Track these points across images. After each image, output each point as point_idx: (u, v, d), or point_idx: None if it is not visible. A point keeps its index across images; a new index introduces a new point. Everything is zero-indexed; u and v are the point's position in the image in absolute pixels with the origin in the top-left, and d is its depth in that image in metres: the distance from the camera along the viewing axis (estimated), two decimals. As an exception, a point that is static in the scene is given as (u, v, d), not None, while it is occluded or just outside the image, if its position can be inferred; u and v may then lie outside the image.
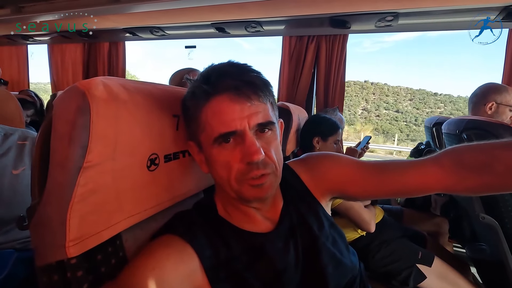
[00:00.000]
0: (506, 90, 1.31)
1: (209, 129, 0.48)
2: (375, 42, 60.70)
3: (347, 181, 0.60)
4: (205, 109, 0.48)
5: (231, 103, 0.46)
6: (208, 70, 0.50)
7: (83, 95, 0.38)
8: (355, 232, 1.26)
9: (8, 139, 0.86)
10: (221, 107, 0.47)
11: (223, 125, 0.47)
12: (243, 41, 68.60)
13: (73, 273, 0.39)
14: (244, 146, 0.47)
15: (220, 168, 0.49)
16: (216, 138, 0.47)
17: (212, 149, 0.49)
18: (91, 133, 0.38)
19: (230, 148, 0.48)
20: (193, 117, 0.51)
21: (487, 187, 0.52)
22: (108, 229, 0.43)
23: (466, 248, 1.28)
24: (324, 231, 0.57)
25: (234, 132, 0.47)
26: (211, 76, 0.48)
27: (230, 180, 0.49)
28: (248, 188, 0.49)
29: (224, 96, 0.47)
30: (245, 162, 0.47)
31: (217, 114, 0.47)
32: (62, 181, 0.38)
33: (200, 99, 0.49)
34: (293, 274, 0.52)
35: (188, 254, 0.46)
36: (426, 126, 1.80)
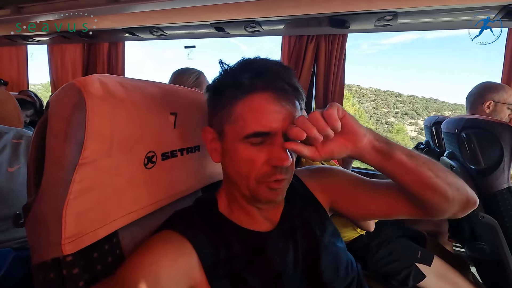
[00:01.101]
0: (503, 89, 1.31)
1: (242, 123, 0.46)
2: (372, 45, 60.93)
3: (344, 192, 0.62)
4: (243, 102, 0.46)
5: (273, 104, 0.45)
6: (251, 61, 0.48)
7: (78, 92, 0.38)
8: (355, 231, 1.26)
9: (2, 137, 0.87)
10: (262, 105, 0.45)
11: (259, 124, 0.45)
12: (240, 42, 68.69)
13: (69, 270, 0.39)
14: (274, 149, 0.46)
15: (242, 164, 0.48)
16: (249, 135, 0.46)
17: (239, 144, 0.47)
18: (87, 130, 0.38)
19: (258, 148, 0.47)
20: (225, 105, 0.48)
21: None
22: (104, 226, 0.43)
23: (466, 247, 1.28)
24: (326, 235, 0.58)
25: (268, 133, 0.46)
26: (254, 68, 0.46)
27: (249, 178, 0.48)
28: (265, 190, 0.49)
29: (267, 94, 0.45)
30: (272, 164, 0.47)
31: (256, 111, 0.45)
32: (58, 178, 0.38)
33: (241, 90, 0.46)
34: (292, 275, 0.52)
35: (186, 250, 0.46)
36: (425, 125, 1.80)
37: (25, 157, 0.89)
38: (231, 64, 0.50)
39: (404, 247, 1.21)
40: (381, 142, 0.48)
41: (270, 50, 72.25)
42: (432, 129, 1.62)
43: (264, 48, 75.51)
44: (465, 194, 0.51)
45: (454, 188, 0.50)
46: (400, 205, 0.55)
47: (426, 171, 0.48)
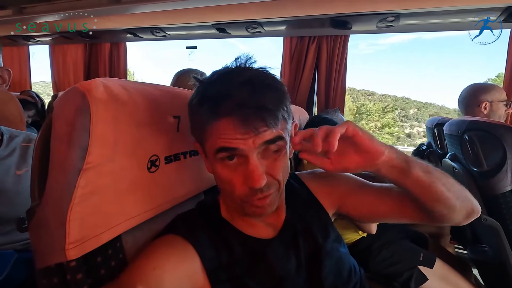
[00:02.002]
0: (494, 88, 1.36)
1: (212, 142, 0.45)
2: (370, 45, 60.66)
3: (350, 196, 0.62)
4: (211, 126, 0.45)
5: (238, 127, 0.43)
6: (216, 82, 0.46)
7: (83, 96, 0.38)
8: (356, 234, 1.26)
9: (13, 141, 0.87)
10: (227, 128, 0.44)
11: (225, 141, 0.44)
12: (239, 42, 68.42)
13: (73, 276, 0.39)
14: (247, 169, 0.44)
15: (224, 183, 0.48)
16: (217, 150, 0.45)
17: (216, 162, 0.47)
18: (91, 135, 0.38)
19: (233, 167, 0.46)
20: (199, 124, 0.48)
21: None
22: (108, 231, 0.42)
23: (468, 249, 1.28)
24: (328, 241, 0.57)
25: (236, 149, 0.44)
26: (218, 96, 0.44)
27: (234, 196, 0.48)
28: (250, 207, 0.48)
29: (229, 120, 0.43)
30: (248, 186, 0.45)
31: (222, 133, 0.44)
32: (62, 183, 0.38)
33: (206, 116, 0.45)
34: (294, 281, 0.51)
35: (189, 254, 0.46)
36: (427, 127, 1.79)
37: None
38: (207, 79, 0.48)
39: (406, 249, 1.20)
40: (400, 160, 0.48)
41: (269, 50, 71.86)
42: (434, 131, 1.61)
43: (264, 48, 75.41)
44: (471, 205, 0.54)
45: (461, 200, 0.52)
46: (408, 210, 0.57)
47: (440, 186, 0.49)
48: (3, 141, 0.85)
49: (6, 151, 0.84)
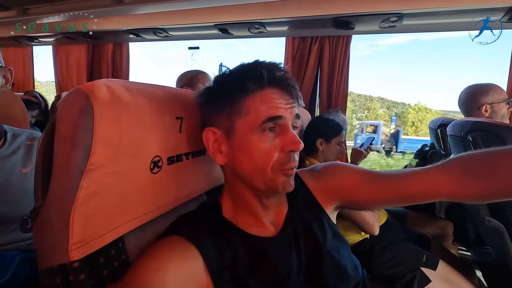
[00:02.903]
0: (492, 89, 1.31)
1: (255, 113, 0.49)
2: (369, 46, 60.11)
3: (354, 189, 0.60)
4: (254, 95, 0.50)
5: (281, 97, 0.51)
6: (255, 62, 0.53)
7: (86, 97, 0.38)
8: (359, 235, 1.25)
9: (16, 139, 0.88)
10: (272, 97, 0.50)
11: (273, 110, 0.49)
12: (239, 43, 68.49)
13: (76, 276, 0.39)
14: (287, 136, 0.50)
15: (258, 156, 0.50)
16: (265, 121, 0.49)
17: (253, 135, 0.50)
18: (94, 136, 0.38)
19: (271, 138, 0.50)
20: (234, 102, 0.51)
21: (494, 194, 0.51)
22: (110, 232, 0.43)
23: (471, 251, 1.27)
24: (328, 239, 0.57)
25: (281, 117, 0.49)
26: (264, 68, 0.50)
27: (265, 169, 0.50)
28: (281, 178, 0.51)
29: (276, 89, 0.51)
30: (287, 150, 0.50)
31: (268, 101, 0.50)
32: (65, 184, 0.38)
33: (253, 85, 0.50)
34: (295, 280, 0.51)
35: (192, 255, 0.46)
36: (430, 127, 1.79)
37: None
38: (231, 68, 0.55)
39: (409, 251, 1.20)
40: None
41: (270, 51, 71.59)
42: (437, 131, 1.60)
43: (264, 49, 75.28)
44: None
45: None
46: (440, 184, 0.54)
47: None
48: (6, 139, 0.86)
49: (10, 149, 0.85)
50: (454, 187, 0.53)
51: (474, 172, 0.52)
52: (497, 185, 0.50)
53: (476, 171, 0.52)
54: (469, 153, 0.55)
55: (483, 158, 0.53)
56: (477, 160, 0.53)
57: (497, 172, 0.49)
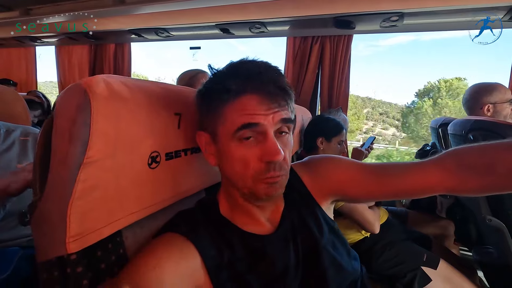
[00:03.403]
0: (496, 89, 1.30)
1: (231, 121, 0.48)
2: (368, 46, 59.54)
3: (349, 182, 0.60)
4: (231, 104, 0.48)
5: (260, 104, 0.46)
6: (240, 65, 0.50)
7: (84, 93, 0.39)
8: (359, 234, 1.25)
9: (10, 135, 0.88)
10: (248, 104, 0.47)
11: (246, 118, 0.46)
12: (238, 43, 68.38)
13: (73, 269, 0.39)
14: (266, 144, 0.47)
15: (236, 164, 0.49)
16: (238, 129, 0.47)
17: (231, 143, 0.48)
18: (92, 130, 0.38)
19: (249, 145, 0.48)
20: (215, 109, 0.50)
21: (490, 187, 0.52)
22: (108, 225, 0.43)
23: (473, 251, 1.26)
24: (324, 234, 0.57)
25: (257, 124, 0.46)
26: (243, 73, 0.48)
27: (245, 177, 0.49)
28: (263, 186, 0.49)
29: (253, 96, 0.47)
30: (265, 160, 0.47)
31: (243, 109, 0.47)
32: (63, 177, 0.39)
33: (227, 95, 0.48)
34: (293, 276, 0.51)
35: (190, 253, 0.46)
36: (431, 127, 1.78)
37: (33, 154, 0.90)
38: (220, 68, 0.52)
39: (410, 250, 1.20)
40: None
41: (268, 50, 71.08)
42: (438, 131, 1.60)
43: (262, 49, 75.06)
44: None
45: None
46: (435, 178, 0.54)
47: None
48: (0, 135, 0.86)
49: (4, 145, 0.85)
50: (449, 181, 0.53)
51: (470, 166, 0.52)
52: (493, 179, 0.50)
53: (472, 165, 0.52)
54: (465, 147, 0.55)
55: (479, 152, 0.53)
56: (473, 154, 0.53)
57: (493, 166, 0.49)
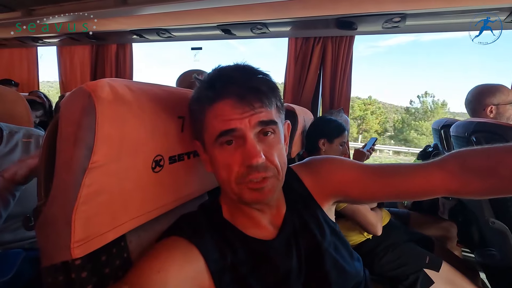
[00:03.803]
0: (499, 90, 1.29)
1: (211, 128, 0.48)
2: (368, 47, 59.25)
3: (350, 183, 0.60)
4: (208, 112, 0.49)
5: (234, 107, 0.46)
6: (214, 74, 0.50)
7: (89, 97, 0.39)
8: (361, 235, 1.25)
9: (13, 137, 0.88)
10: (224, 109, 0.47)
11: (223, 124, 0.47)
12: (238, 44, 68.32)
13: (78, 274, 0.39)
14: (245, 148, 0.46)
15: (221, 169, 0.49)
16: (217, 136, 0.47)
17: (214, 149, 0.49)
18: (97, 134, 0.38)
19: (231, 150, 0.48)
20: (198, 119, 0.51)
21: (492, 190, 0.52)
22: (112, 230, 0.43)
23: (475, 253, 1.26)
24: (326, 237, 0.57)
25: (234, 129, 0.46)
26: (216, 81, 0.48)
27: (230, 182, 0.49)
28: (247, 191, 0.49)
29: (227, 101, 0.47)
30: (245, 165, 0.47)
31: (219, 115, 0.47)
32: (68, 182, 0.39)
33: (205, 103, 0.49)
34: (296, 279, 0.51)
35: (194, 256, 0.46)
36: (433, 128, 1.78)
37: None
38: (204, 76, 0.52)
39: (412, 252, 1.19)
40: None
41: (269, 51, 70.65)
42: (440, 132, 1.59)
43: (264, 49, 74.92)
44: None
45: None
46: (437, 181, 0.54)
47: None
48: (3, 137, 0.86)
49: (7, 147, 0.85)
50: (452, 184, 0.53)
51: (473, 169, 0.51)
52: (496, 181, 0.49)
53: (475, 167, 0.51)
54: (469, 149, 0.54)
55: (482, 155, 0.52)
56: (477, 156, 0.53)
57: (496, 169, 0.49)
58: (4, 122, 0.93)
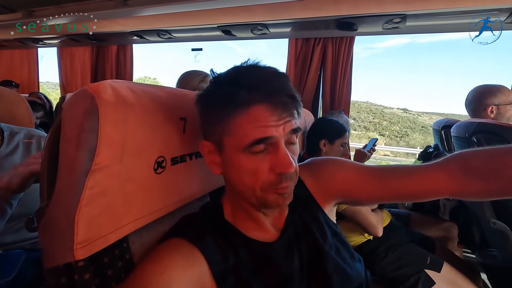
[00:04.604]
0: (500, 90, 1.30)
1: (242, 134, 0.45)
2: (365, 48, 59.28)
3: (351, 184, 0.60)
4: (241, 114, 0.45)
5: (271, 114, 0.45)
6: (245, 71, 0.47)
7: (91, 99, 0.39)
8: (362, 236, 1.25)
9: (14, 137, 0.88)
10: (261, 115, 0.44)
11: (260, 131, 0.44)
12: (236, 45, 68.67)
13: (81, 275, 0.39)
14: (278, 156, 0.45)
15: (246, 175, 0.48)
16: (251, 144, 0.45)
17: (241, 155, 0.46)
18: (99, 136, 0.38)
19: (261, 157, 0.46)
20: (222, 119, 0.47)
21: (494, 192, 0.51)
22: (115, 231, 0.43)
23: (476, 253, 1.26)
24: (327, 239, 0.57)
25: (270, 137, 0.45)
26: (251, 80, 0.45)
27: (255, 188, 0.48)
28: (273, 196, 0.48)
29: (264, 105, 0.44)
30: (277, 172, 0.46)
31: (255, 121, 0.44)
32: (71, 184, 0.39)
33: (235, 105, 0.45)
34: (298, 281, 0.51)
35: (196, 258, 0.46)
36: (434, 129, 1.78)
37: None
38: (223, 73, 0.49)
39: (413, 253, 1.19)
40: None
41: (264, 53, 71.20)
42: (441, 133, 1.59)
43: (259, 51, 75.12)
44: None
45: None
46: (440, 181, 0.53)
47: None
48: (4, 138, 0.85)
49: (8, 148, 0.85)
50: (454, 185, 0.53)
51: (475, 170, 0.51)
52: (498, 183, 0.49)
53: (477, 169, 0.51)
54: (471, 151, 0.54)
55: (484, 156, 0.52)
56: (479, 158, 0.52)
57: (498, 170, 0.49)
58: (6, 123, 0.93)
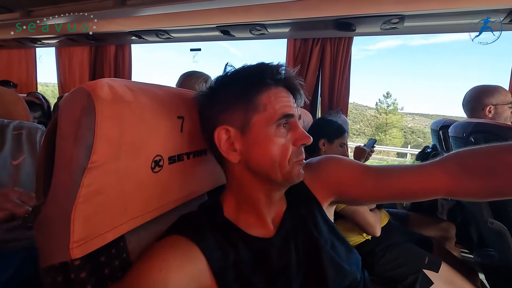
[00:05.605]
0: (497, 91, 1.32)
1: (272, 110, 0.52)
2: (360, 50, 59.54)
3: (349, 183, 0.60)
4: (268, 92, 0.52)
5: (289, 95, 0.55)
6: (263, 63, 0.55)
7: (88, 96, 0.39)
8: (360, 236, 1.25)
9: (2, 131, 0.86)
10: (284, 95, 0.54)
11: (286, 108, 0.53)
12: (230, 46, 69.11)
13: (77, 274, 0.39)
14: (297, 131, 0.54)
15: (275, 149, 0.52)
16: (281, 117, 0.52)
17: (270, 130, 0.52)
18: (96, 134, 0.38)
19: (285, 132, 0.53)
20: (249, 97, 0.52)
21: (493, 191, 0.51)
22: (112, 230, 0.43)
23: (474, 253, 1.26)
24: (322, 234, 0.57)
25: (292, 115, 0.53)
26: (270, 68, 0.53)
27: (282, 161, 0.52)
28: (296, 167, 0.54)
29: (284, 89, 0.55)
30: (299, 144, 0.53)
31: (281, 99, 0.53)
32: (67, 182, 0.39)
33: (265, 84, 0.53)
34: (295, 275, 0.52)
35: (195, 255, 0.46)
36: (432, 129, 1.78)
37: (28, 146, 0.87)
38: (238, 67, 0.56)
39: (411, 252, 1.19)
40: None
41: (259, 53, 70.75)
42: (439, 133, 1.60)
43: (254, 52, 75.27)
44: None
45: None
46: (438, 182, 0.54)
47: None
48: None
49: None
50: (452, 184, 0.53)
51: (473, 169, 0.51)
52: (496, 182, 0.49)
53: (475, 168, 0.51)
54: (468, 150, 0.54)
55: (482, 155, 0.52)
56: (476, 156, 0.53)
57: (496, 169, 0.49)
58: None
